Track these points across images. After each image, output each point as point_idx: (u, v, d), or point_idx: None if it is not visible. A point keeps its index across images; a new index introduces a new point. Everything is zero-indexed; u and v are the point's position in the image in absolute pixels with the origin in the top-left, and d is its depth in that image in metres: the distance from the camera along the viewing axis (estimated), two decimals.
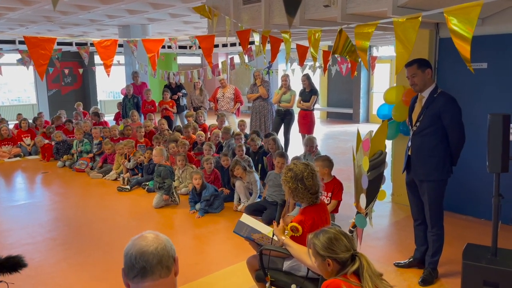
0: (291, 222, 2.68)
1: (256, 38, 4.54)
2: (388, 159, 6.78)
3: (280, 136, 8.38)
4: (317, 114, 16.12)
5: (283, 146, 8.35)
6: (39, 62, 3.18)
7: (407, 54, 2.34)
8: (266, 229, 2.82)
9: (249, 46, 6.01)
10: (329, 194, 4.44)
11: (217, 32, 5.12)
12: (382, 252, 4.36)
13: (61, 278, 3.88)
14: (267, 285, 2.75)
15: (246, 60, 6.85)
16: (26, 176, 7.97)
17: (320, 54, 4.73)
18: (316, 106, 15.98)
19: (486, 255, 3.17)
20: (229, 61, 7.21)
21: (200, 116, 9.00)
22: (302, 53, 4.63)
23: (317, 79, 15.24)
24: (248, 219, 2.85)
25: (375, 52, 13.93)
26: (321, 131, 12.92)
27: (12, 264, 2.27)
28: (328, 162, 4.61)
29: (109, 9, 7.77)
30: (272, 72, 13.61)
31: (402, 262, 3.95)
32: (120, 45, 12.80)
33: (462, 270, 3.15)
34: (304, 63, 5.94)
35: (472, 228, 4.80)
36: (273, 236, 2.73)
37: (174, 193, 5.90)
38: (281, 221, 2.75)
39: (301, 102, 8.15)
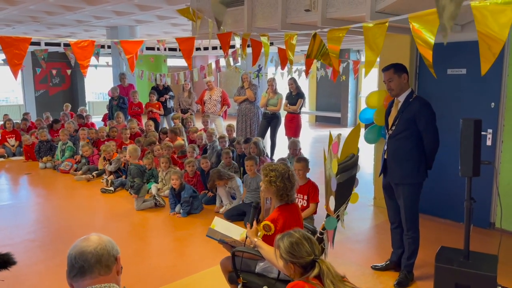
0: (264, 220, 2.69)
1: (237, 41, 4.56)
2: (370, 163, 6.84)
3: (267, 139, 8.41)
4: (305, 118, 16.22)
5: (269, 149, 8.39)
6: (13, 62, 3.18)
7: (375, 58, 2.38)
8: (238, 231, 2.83)
9: (233, 49, 6.04)
10: (305, 196, 4.46)
11: (200, 34, 5.13)
12: (361, 255, 4.39)
13: (37, 279, 3.86)
14: (239, 286, 2.76)
15: (232, 63, 6.86)
16: (9, 177, 7.89)
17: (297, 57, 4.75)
18: (305, 110, 16.13)
19: (459, 258, 3.21)
20: (214, 64, 7.22)
21: (190, 122, 8.97)
22: (283, 56, 4.66)
23: (306, 83, 15.33)
24: (220, 223, 2.86)
25: (363, 57, 14.05)
26: (309, 134, 12.98)
27: (2, 262, 2.29)
28: (308, 163, 4.63)
29: (95, 10, 7.76)
30: (262, 75, 13.66)
31: (379, 265, 3.98)
32: (109, 47, 12.80)
33: (434, 272, 3.19)
34: (292, 66, 5.97)
35: (450, 232, 4.85)
36: (246, 238, 2.74)
37: (156, 196, 5.89)
38: (254, 223, 2.77)
39: (288, 105, 8.19)
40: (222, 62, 7.53)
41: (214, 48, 15.21)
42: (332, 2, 4.07)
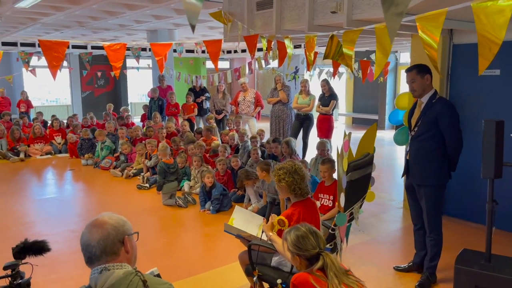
0: (280, 215, 2.79)
1: (264, 43, 4.67)
2: (400, 164, 6.68)
3: (299, 140, 8.46)
4: (342, 120, 16.10)
5: (301, 150, 8.43)
6: (52, 64, 3.46)
7: (384, 59, 2.42)
8: (258, 221, 2.94)
9: (261, 51, 6.16)
10: (331, 197, 4.49)
11: (230, 36, 5.29)
12: (385, 256, 4.38)
13: (73, 267, 4.13)
14: (255, 279, 2.87)
15: (264, 65, 6.99)
16: (55, 172, 8.40)
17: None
18: (342, 111, 15.99)
19: (480, 261, 3.17)
20: (247, 66, 7.38)
21: (230, 123, 9.17)
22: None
23: (343, 85, 15.21)
24: (240, 213, 2.99)
25: (402, 59, 13.81)
26: None
27: (38, 248, 2.49)
28: (333, 164, 4.67)
29: (136, 14, 8.11)
30: (298, 76, 13.72)
31: (402, 266, 3.97)
32: (150, 49, 13.30)
33: (454, 274, 3.17)
34: (312, 67, 6.02)
35: (477, 235, 4.73)
36: (262, 233, 2.85)
37: (187, 195, 6.12)
38: (270, 218, 2.87)
39: (320, 106, 8.21)
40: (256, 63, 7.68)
41: None
42: (358, 4, 4.11)
